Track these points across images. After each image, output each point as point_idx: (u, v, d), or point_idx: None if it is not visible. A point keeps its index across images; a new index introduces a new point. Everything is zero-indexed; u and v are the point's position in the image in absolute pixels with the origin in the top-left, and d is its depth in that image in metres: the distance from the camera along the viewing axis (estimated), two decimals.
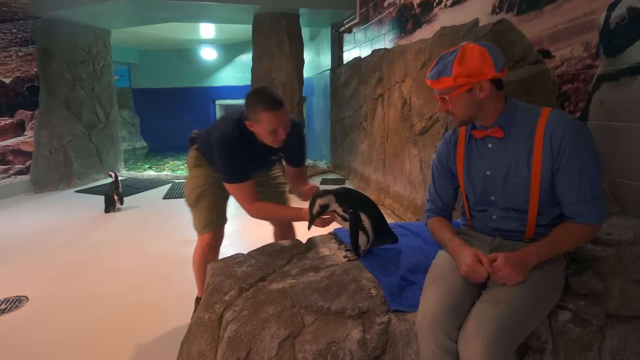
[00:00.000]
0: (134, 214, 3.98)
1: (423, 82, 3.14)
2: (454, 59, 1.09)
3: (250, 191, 1.62)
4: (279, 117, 1.54)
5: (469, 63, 1.08)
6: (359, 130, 4.86)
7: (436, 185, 1.38)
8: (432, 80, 1.14)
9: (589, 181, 1.08)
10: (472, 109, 1.15)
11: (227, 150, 1.60)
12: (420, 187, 3.31)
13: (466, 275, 1.10)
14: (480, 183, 1.23)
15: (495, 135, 1.17)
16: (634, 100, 1.39)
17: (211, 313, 1.25)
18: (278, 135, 1.57)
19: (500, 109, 1.16)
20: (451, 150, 1.31)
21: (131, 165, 7.33)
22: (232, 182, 1.63)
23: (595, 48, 1.52)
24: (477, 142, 1.24)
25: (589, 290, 1.25)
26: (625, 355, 1.26)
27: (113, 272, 2.61)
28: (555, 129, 1.09)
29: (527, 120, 1.14)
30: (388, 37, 4.07)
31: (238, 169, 1.61)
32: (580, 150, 1.07)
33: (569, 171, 1.08)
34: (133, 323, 1.99)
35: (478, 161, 1.23)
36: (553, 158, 1.10)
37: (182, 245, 2.99)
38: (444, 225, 1.31)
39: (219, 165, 1.64)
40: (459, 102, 1.13)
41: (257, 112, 1.54)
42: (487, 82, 1.10)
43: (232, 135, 1.60)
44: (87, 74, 5.48)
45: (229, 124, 1.65)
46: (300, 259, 1.57)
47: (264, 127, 1.55)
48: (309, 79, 6.33)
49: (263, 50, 5.01)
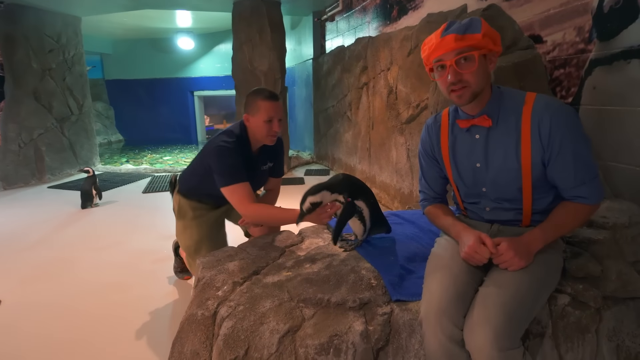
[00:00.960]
0: (112, 209, 3.83)
1: (410, 69, 3.11)
2: (478, 18, 1.04)
3: (248, 192, 1.61)
4: (275, 107, 1.66)
5: (491, 29, 1.04)
6: (343, 119, 4.82)
7: (425, 176, 1.33)
8: (457, 34, 1.02)
9: (584, 164, 1.05)
10: (486, 79, 1.08)
11: (226, 152, 1.62)
12: (408, 175, 3.30)
13: (467, 256, 1.08)
14: (469, 175, 1.19)
15: (483, 124, 1.11)
16: (628, 84, 1.39)
17: (204, 310, 1.18)
18: (273, 127, 1.67)
19: (488, 95, 1.11)
20: (434, 140, 1.25)
21: (107, 159, 7.07)
22: (230, 184, 1.60)
23: (589, 32, 1.51)
24: (462, 132, 1.18)
25: (586, 273, 1.25)
26: (621, 336, 1.27)
27: (92, 270, 2.48)
28: (542, 118, 1.04)
29: (513, 108, 1.09)
30: (372, 25, 4.02)
31: (237, 169, 1.62)
32: (570, 137, 1.03)
33: (562, 159, 1.05)
34: (117, 324, 1.89)
35: (465, 153, 1.18)
36: (543, 149, 1.06)
37: (165, 240, 2.89)
38: (443, 211, 1.28)
39: (217, 168, 1.63)
40: (481, 64, 1.05)
41: (255, 102, 1.66)
42: (496, 55, 1.06)
43: (229, 142, 1.65)
44: (57, 64, 5.20)
45: (221, 137, 1.68)
46: (294, 250, 1.52)
47: (261, 116, 1.65)
48: (291, 68, 6.22)
49: (244, 38, 4.87)
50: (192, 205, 1.92)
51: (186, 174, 1.94)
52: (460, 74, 1.05)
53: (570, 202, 1.10)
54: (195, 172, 1.84)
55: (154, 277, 2.35)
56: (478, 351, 0.92)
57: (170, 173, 5.40)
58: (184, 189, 1.94)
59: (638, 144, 1.39)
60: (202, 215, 1.93)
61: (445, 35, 1.04)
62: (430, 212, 1.33)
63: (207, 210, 1.94)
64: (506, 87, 1.14)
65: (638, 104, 1.37)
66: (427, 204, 1.34)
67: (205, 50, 8.77)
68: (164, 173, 5.41)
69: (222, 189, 1.62)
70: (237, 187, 1.60)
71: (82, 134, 5.61)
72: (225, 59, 8.35)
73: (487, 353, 0.90)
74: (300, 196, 1.40)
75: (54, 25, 5.14)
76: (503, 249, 1.03)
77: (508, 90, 1.13)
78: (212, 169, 1.65)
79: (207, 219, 1.93)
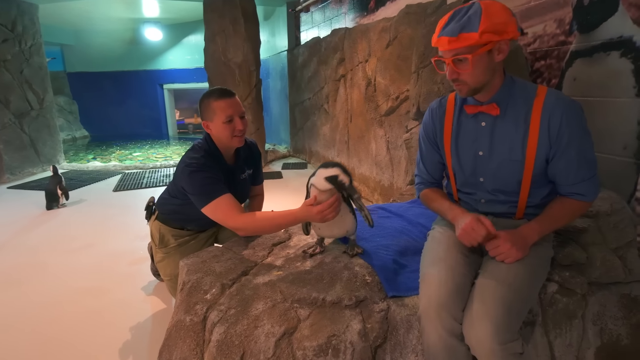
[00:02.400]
0: (81, 209, 3.63)
1: (388, 61, 3.10)
2: (479, 11, 0.97)
3: (232, 204, 1.42)
4: (231, 104, 1.52)
5: (498, 17, 0.96)
6: (320, 112, 4.78)
7: (424, 160, 1.30)
8: (450, 36, 0.99)
9: (586, 161, 1.06)
10: (488, 75, 1.04)
11: (195, 168, 1.46)
12: (388, 168, 3.31)
13: (463, 233, 1.05)
14: (470, 164, 1.17)
15: (491, 112, 1.09)
16: (607, 76, 1.42)
17: (193, 315, 1.12)
18: (235, 126, 1.53)
19: (501, 82, 1.08)
20: (437, 124, 1.22)
21: (72, 156, 6.72)
22: (210, 201, 1.42)
23: (569, 24, 1.54)
24: (468, 118, 1.16)
25: (572, 261, 1.28)
26: (604, 319, 1.32)
27: (63, 276, 2.33)
28: (554, 112, 1.03)
29: (523, 99, 1.07)
30: (349, 16, 3.98)
31: (214, 183, 1.45)
32: (577, 133, 1.04)
33: (568, 155, 1.05)
34: (93, 332, 1.78)
35: (469, 140, 1.16)
36: (550, 143, 1.05)
37: (141, 240, 2.77)
38: (439, 195, 1.25)
39: (191, 189, 1.47)
40: (478, 64, 1.01)
41: (209, 105, 1.52)
42: (507, 43, 1.01)
43: (196, 157, 1.50)
44: (13, 55, 4.85)
45: (188, 154, 1.55)
46: (282, 248, 1.48)
47: (220, 118, 1.51)
48: (265, 60, 6.09)
49: (217, 29, 4.71)
50: (175, 233, 1.78)
51: (164, 198, 1.76)
52: (457, 72, 1.04)
53: (567, 197, 1.11)
54: (173, 196, 1.68)
55: (131, 280, 2.24)
56: (479, 345, 0.91)
57: (141, 170, 5.19)
58: (164, 215, 1.77)
59: (617, 133, 1.43)
60: (186, 242, 1.79)
61: (440, 36, 1.02)
62: (426, 195, 1.29)
63: (191, 237, 1.80)
64: (519, 78, 1.12)
65: (617, 95, 1.41)
66: (424, 187, 1.31)
67: (175, 42, 8.46)
68: (135, 170, 5.20)
69: (202, 209, 1.45)
70: (218, 202, 1.42)
71: (44, 130, 5.29)
72: (195, 50, 8.08)
73: (488, 347, 0.90)
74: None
75: (7, 12, 4.78)
76: (500, 241, 1.03)
77: (521, 81, 1.10)
78: (187, 191, 1.50)
79: (193, 245, 1.79)
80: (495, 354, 0.89)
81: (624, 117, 1.39)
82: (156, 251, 1.82)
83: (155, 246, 1.83)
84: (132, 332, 1.77)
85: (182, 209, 1.67)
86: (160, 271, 1.84)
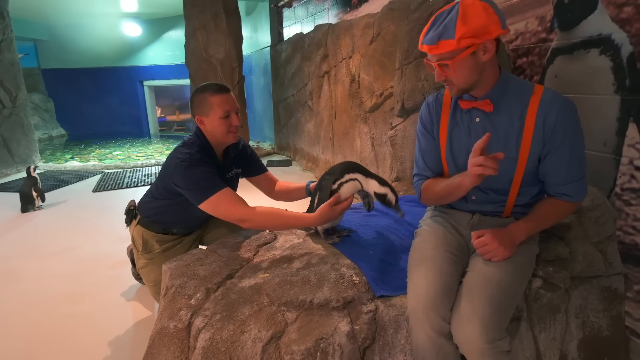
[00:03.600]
0: (59, 211, 3.51)
1: (372, 57, 3.09)
2: (455, 17, 0.97)
3: (234, 196, 1.40)
4: (229, 100, 1.50)
5: (474, 21, 0.96)
6: (304, 109, 4.75)
7: (425, 155, 1.26)
8: (429, 45, 1.01)
9: (577, 162, 1.07)
10: (475, 75, 1.04)
11: (190, 163, 1.42)
12: (373, 164, 3.31)
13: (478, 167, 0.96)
14: (462, 158, 1.16)
15: (484, 108, 1.09)
16: (587, 73, 1.45)
17: (177, 321, 1.09)
18: (232, 121, 1.51)
19: (495, 79, 1.07)
20: (434, 118, 1.21)
21: (49, 156, 6.51)
22: (209, 195, 1.38)
23: (550, 22, 1.56)
24: (462, 113, 1.15)
25: (555, 256, 1.30)
26: (586, 312, 1.35)
27: (38, 282, 2.25)
28: (550, 111, 1.03)
29: (519, 96, 1.07)
30: (332, 12, 3.95)
31: (212, 177, 1.41)
32: (571, 133, 1.04)
33: (560, 154, 1.05)
34: (72, 340, 1.71)
35: (463, 135, 1.15)
36: (544, 142, 1.06)
37: (122, 243, 2.69)
38: (442, 179, 1.21)
39: (187, 185, 1.42)
40: (461, 68, 1.02)
41: (205, 100, 1.49)
42: (492, 42, 1.00)
43: (190, 152, 1.46)
44: None
45: (180, 150, 1.49)
46: (268, 249, 1.45)
47: (216, 113, 1.48)
48: (247, 56, 6.00)
49: (197, 25, 4.61)
50: (159, 238, 1.72)
51: (146, 201, 1.69)
52: (444, 75, 1.06)
53: (555, 198, 1.12)
54: (157, 197, 1.62)
55: (111, 284, 2.17)
56: (467, 344, 0.91)
57: (122, 169, 5.07)
58: (147, 219, 1.71)
59: (596, 129, 1.46)
60: (171, 247, 1.74)
61: (422, 44, 1.04)
62: (427, 185, 1.24)
63: (176, 241, 1.75)
64: (515, 76, 1.13)
65: (597, 92, 1.43)
66: (423, 181, 1.26)
67: (155, 37, 8.26)
68: (116, 169, 5.07)
69: (201, 205, 1.40)
70: (219, 196, 1.38)
71: (18, 129, 5.09)
72: (176, 46, 7.91)
73: (476, 346, 0.90)
74: None
75: None
76: (488, 240, 1.03)
77: (516, 79, 1.11)
78: (181, 188, 1.44)
79: (178, 249, 1.73)
80: (483, 352, 0.89)
81: (604, 113, 1.41)
82: (138, 257, 1.75)
83: (137, 252, 1.76)
84: (114, 340, 1.72)
85: (168, 209, 1.62)
86: (143, 277, 1.79)
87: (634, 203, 1.36)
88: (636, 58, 1.29)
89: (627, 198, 1.38)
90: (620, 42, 1.33)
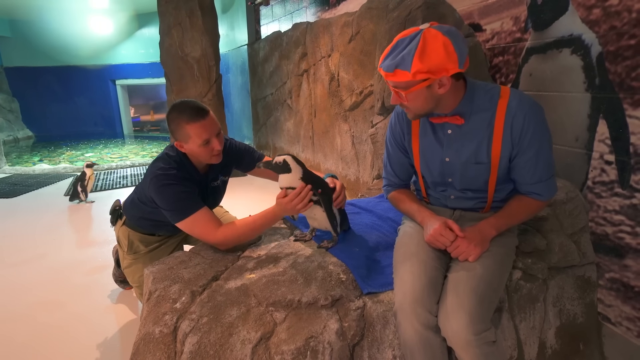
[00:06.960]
0: (28, 216, 3.36)
1: (351, 56, 3.11)
2: (414, 50, 0.96)
3: (210, 218, 1.37)
4: (207, 127, 1.38)
5: (432, 58, 0.95)
6: (284, 108, 4.72)
7: (392, 163, 1.32)
8: (386, 72, 1.02)
9: (545, 163, 1.10)
10: (431, 104, 1.07)
11: (168, 183, 1.38)
12: (353, 162, 3.33)
13: (431, 238, 1.09)
14: (437, 168, 1.20)
15: (456, 122, 1.11)
16: (560, 71, 1.50)
17: (162, 326, 1.07)
18: (213, 147, 1.41)
19: (460, 98, 1.09)
20: (404, 129, 1.24)
21: (15, 159, 6.21)
22: (186, 216, 1.36)
23: (524, 22, 1.61)
24: (434, 125, 1.18)
25: (534, 248, 1.35)
26: (562, 301, 1.40)
27: (11, 291, 2.15)
28: (517, 115, 1.06)
29: (487, 102, 1.09)
30: (310, 10, 3.95)
31: (189, 198, 1.38)
32: (538, 135, 1.07)
33: (527, 155, 1.09)
34: (52, 350, 1.64)
35: (435, 147, 1.18)
36: (512, 145, 1.09)
37: (99, 247, 2.61)
38: (408, 196, 1.28)
39: (163, 204, 1.40)
40: (416, 97, 1.04)
41: (182, 128, 1.38)
42: (448, 78, 1.00)
43: (168, 169, 1.41)
44: None
45: (158, 164, 1.44)
46: (252, 250, 1.44)
47: (195, 141, 1.38)
48: (224, 55, 5.92)
49: (172, 22, 4.50)
50: (145, 239, 1.69)
51: (132, 203, 1.66)
52: (399, 99, 1.08)
53: (525, 196, 1.16)
54: (142, 202, 1.59)
55: (89, 291, 2.10)
56: (455, 336, 0.94)
57: (95, 171, 4.89)
58: (132, 220, 1.68)
59: (569, 125, 1.52)
60: (157, 247, 1.71)
61: (380, 68, 1.05)
62: (394, 197, 1.32)
63: (162, 242, 1.72)
64: (480, 82, 1.13)
65: (569, 90, 1.49)
66: (391, 190, 1.34)
67: (127, 35, 8.01)
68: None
69: (177, 225, 1.39)
70: (195, 218, 1.36)
71: None
72: (149, 44, 7.70)
73: (463, 338, 0.92)
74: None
75: None
76: (459, 241, 1.06)
77: (482, 86, 1.11)
78: (158, 205, 1.42)
79: (163, 250, 1.71)
80: (470, 344, 0.92)
81: (576, 110, 1.47)
82: (124, 257, 1.72)
83: (123, 252, 1.72)
84: (96, 348, 1.66)
85: (153, 215, 1.58)
86: (128, 277, 1.75)
87: (604, 195, 1.42)
88: (605, 57, 1.35)
89: (598, 191, 1.44)
90: (590, 42, 1.39)
